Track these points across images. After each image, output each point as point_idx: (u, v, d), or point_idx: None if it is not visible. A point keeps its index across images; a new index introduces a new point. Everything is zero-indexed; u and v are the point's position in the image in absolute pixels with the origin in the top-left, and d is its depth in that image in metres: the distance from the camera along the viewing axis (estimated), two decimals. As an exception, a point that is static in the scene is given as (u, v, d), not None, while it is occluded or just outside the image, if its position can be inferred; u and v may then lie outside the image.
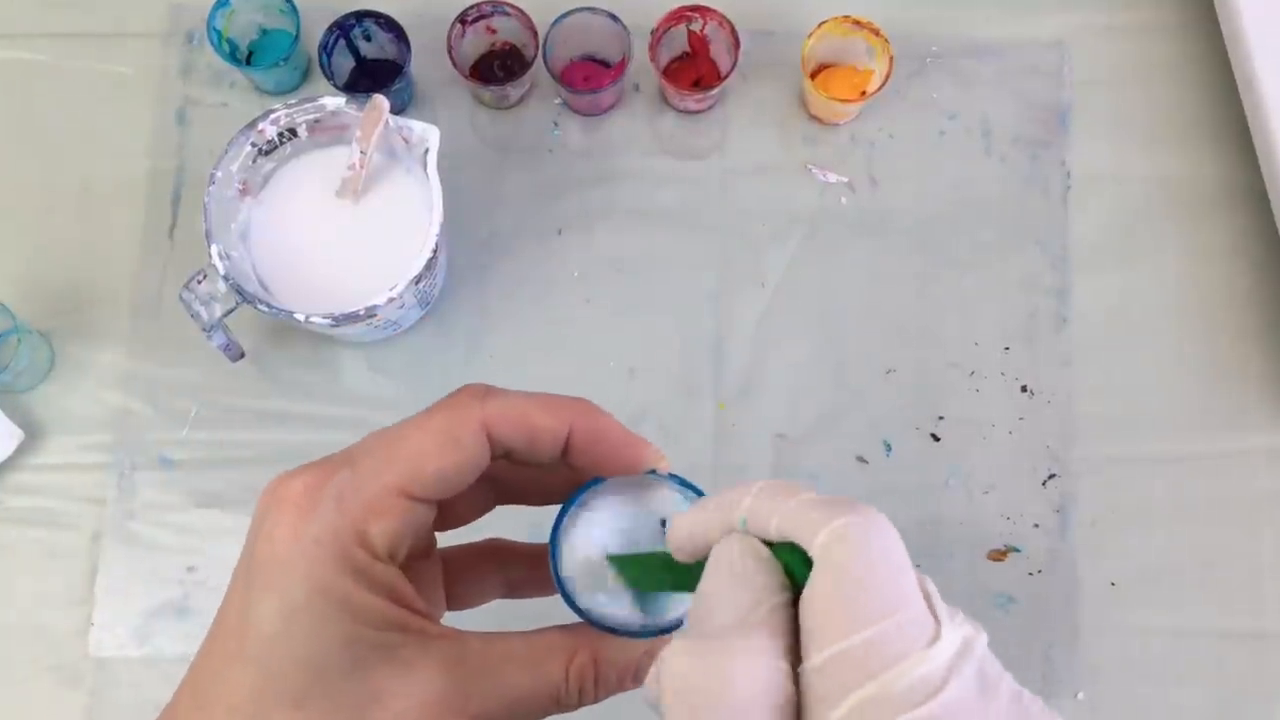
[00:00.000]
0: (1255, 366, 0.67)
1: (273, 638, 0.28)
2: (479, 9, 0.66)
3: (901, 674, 0.22)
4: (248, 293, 0.57)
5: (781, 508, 0.25)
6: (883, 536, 0.24)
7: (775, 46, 0.69)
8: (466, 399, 0.31)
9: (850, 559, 0.23)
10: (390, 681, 0.29)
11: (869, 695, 0.22)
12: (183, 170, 0.68)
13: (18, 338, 0.62)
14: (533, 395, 0.32)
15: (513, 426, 0.31)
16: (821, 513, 0.24)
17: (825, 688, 0.23)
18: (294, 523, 0.29)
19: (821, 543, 0.24)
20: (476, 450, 0.30)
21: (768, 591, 0.24)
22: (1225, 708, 0.63)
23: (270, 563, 0.29)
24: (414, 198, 0.61)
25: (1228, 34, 0.67)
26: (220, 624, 0.30)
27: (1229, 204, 0.69)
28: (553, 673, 0.31)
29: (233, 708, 0.29)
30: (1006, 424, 0.66)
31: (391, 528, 0.29)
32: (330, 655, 0.28)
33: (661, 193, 0.69)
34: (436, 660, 0.30)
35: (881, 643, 0.22)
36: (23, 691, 0.62)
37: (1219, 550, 0.65)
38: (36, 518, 0.64)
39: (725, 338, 0.67)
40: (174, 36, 0.70)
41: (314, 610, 0.28)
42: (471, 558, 0.37)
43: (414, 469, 0.30)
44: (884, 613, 0.23)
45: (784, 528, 0.25)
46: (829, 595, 0.23)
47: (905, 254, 0.68)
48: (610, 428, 0.32)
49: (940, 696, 0.22)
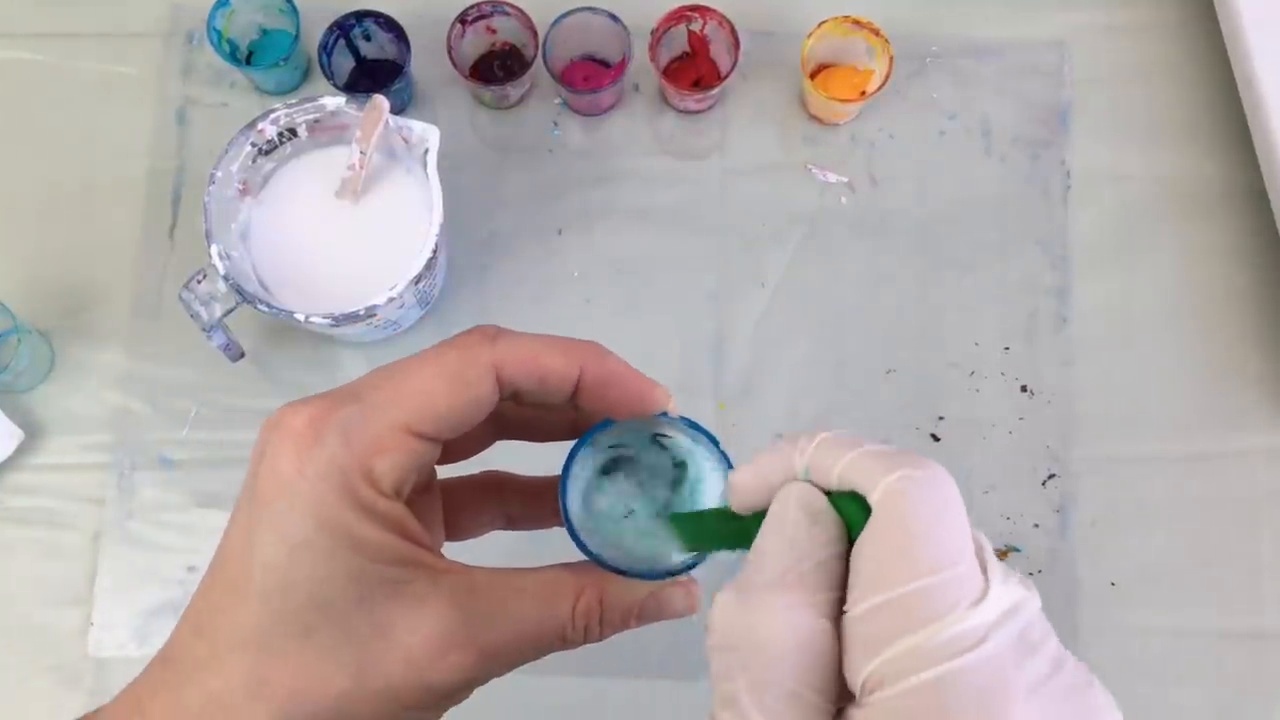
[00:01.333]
0: (1255, 366, 0.67)
1: (278, 571, 0.28)
2: (479, 9, 0.66)
3: (944, 628, 0.22)
4: (248, 293, 0.57)
5: (845, 457, 0.25)
6: (942, 491, 0.24)
7: (775, 46, 0.69)
8: (477, 339, 0.31)
9: (907, 511, 0.23)
10: (397, 615, 0.29)
11: (909, 646, 0.22)
12: (183, 170, 0.68)
13: (18, 338, 0.62)
14: (543, 337, 0.31)
15: (522, 368, 0.30)
16: (883, 463, 0.24)
17: (866, 635, 0.23)
18: (298, 456, 0.29)
19: (880, 493, 0.24)
20: (485, 391, 0.30)
21: (817, 546, 0.25)
22: (1225, 708, 0.63)
23: (274, 496, 0.29)
24: (414, 198, 0.61)
25: (1228, 34, 0.67)
26: (222, 558, 0.30)
27: (1229, 204, 0.69)
28: (559, 610, 0.31)
29: (239, 640, 0.29)
30: (1006, 424, 0.66)
31: (398, 465, 0.29)
32: (337, 589, 0.28)
33: (661, 193, 0.69)
34: (444, 595, 0.30)
35: (928, 596, 0.22)
36: (23, 691, 0.62)
37: (1219, 550, 0.65)
38: (36, 518, 0.64)
39: (725, 338, 0.67)
40: (174, 36, 0.70)
41: (320, 544, 0.28)
42: (471, 490, 0.37)
43: (422, 408, 0.29)
44: (934, 567, 0.23)
45: (846, 477, 0.25)
46: (881, 545, 0.23)
47: (905, 254, 0.68)
48: (621, 370, 0.31)
49: (977, 651, 0.22)
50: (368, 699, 0.29)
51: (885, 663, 0.22)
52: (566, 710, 0.62)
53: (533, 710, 0.62)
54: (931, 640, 0.22)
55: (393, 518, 0.29)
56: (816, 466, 0.26)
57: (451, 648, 0.29)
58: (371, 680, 0.29)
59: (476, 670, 0.30)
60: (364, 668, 0.29)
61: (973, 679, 0.22)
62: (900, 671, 0.22)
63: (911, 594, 0.23)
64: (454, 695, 0.30)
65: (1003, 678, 0.22)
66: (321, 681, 0.28)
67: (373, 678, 0.29)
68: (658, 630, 0.66)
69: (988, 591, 0.23)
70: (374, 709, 0.29)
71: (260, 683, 0.28)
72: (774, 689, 0.23)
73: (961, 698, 0.22)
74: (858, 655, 0.23)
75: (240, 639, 0.29)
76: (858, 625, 0.23)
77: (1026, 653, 0.23)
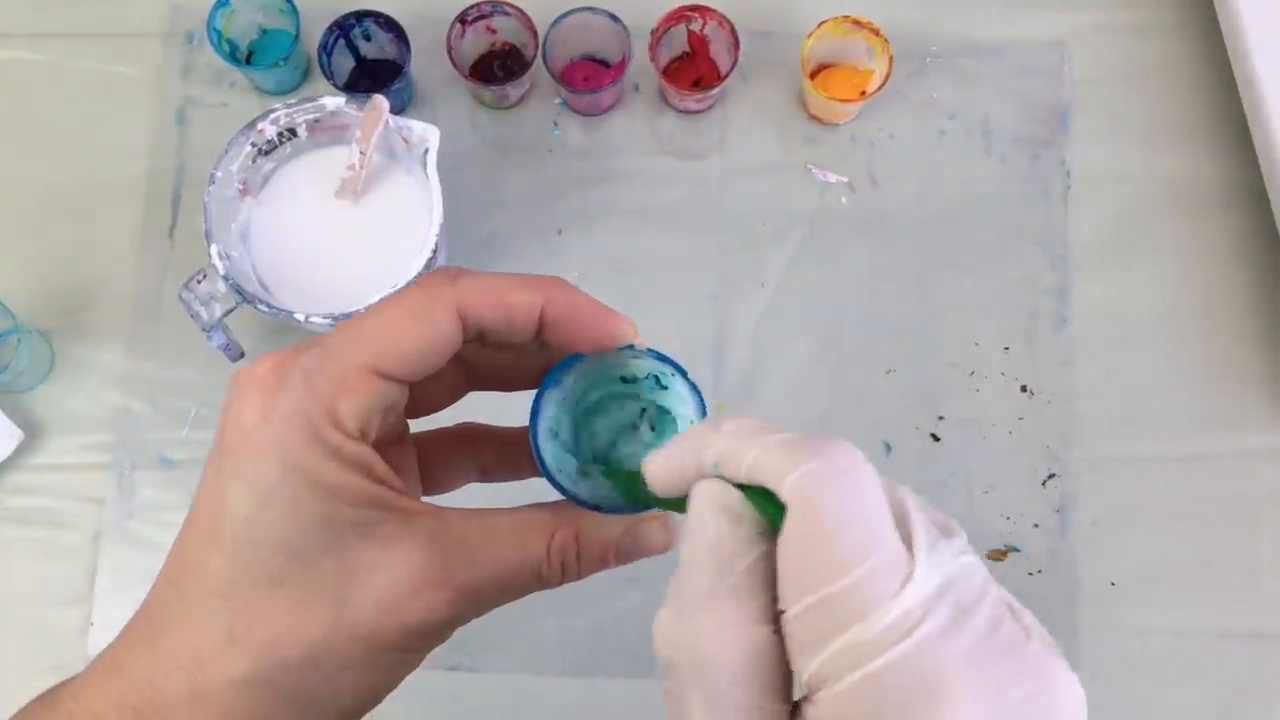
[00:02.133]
0: (1255, 366, 0.67)
1: (248, 520, 0.28)
2: (479, 9, 0.66)
3: (873, 623, 0.22)
4: (248, 293, 0.57)
5: (749, 454, 0.25)
6: (851, 479, 0.24)
7: (775, 46, 0.69)
8: (439, 279, 0.30)
9: (817, 509, 0.23)
10: (369, 558, 0.29)
11: (843, 644, 0.22)
12: (183, 170, 0.68)
13: (18, 338, 0.62)
14: (505, 275, 0.31)
15: (485, 305, 0.30)
16: (787, 459, 0.24)
17: (803, 637, 0.23)
18: (262, 403, 0.28)
19: (790, 491, 0.24)
20: (448, 329, 0.30)
21: (741, 550, 0.24)
22: (1225, 708, 0.63)
23: (240, 445, 0.29)
24: (414, 198, 0.61)
25: (1228, 34, 0.66)
26: (195, 512, 0.30)
27: (1229, 204, 0.69)
28: (535, 547, 0.31)
29: (212, 591, 0.29)
30: (1006, 424, 0.66)
31: (362, 405, 0.29)
32: (307, 535, 0.28)
33: (661, 193, 0.69)
34: (418, 535, 0.29)
35: (854, 591, 0.22)
36: (23, 691, 0.62)
37: (1219, 550, 0.65)
38: (36, 518, 0.64)
39: (725, 338, 0.67)
40: (174, 36, 0.70)
41: (287, 490, 0.28)
42: (445, 442, 0.36)
43: (384, 347, 0.29)
44: (855, 561, 0.23)
45: (753, 475, 0.25)
46: (799, 546, 0.23)
47: (905, 254, 0.68)
48: (583, 302, 0.31)
49: (910, 638, 0.22)
50: (345, 643, 0.29)
51: (823, 663, 0.22)
52: (565, 710, 0.62)
53: (532, 710, 0.62)
54: (863, 636, 0.22)
55: (360, 460, 0.29)
56: (726, 460, 0.26)
57: (426, 587, 0.29)
58: (347, 624, 0.28)
59: (453, 610, 0.30)
60: (338, 612, 0.28)
61: (907, 667, 0.22)
62: (837, 670, 0.22)
63: (837, 594, 0.22)
64: (434, 635, 0.30)
65: (936, 660, 0.22)
66: (296, 628, 0.28)
67: (348, 622, 0.29)
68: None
69: (914, 571, 0.23)
70: (352, 652, 0.29)
71: (234, 633, 0.28)
72: (728, 705, 0.23)
73: (898, 688, 0.22)
74: (798, 656, 0.23)
75: (213, 590, 0.29)
76: (794, 626, 0.23)
77: (960, 621, 0.23)
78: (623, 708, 0.62)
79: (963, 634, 0.22)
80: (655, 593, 0.26)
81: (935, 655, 0.22)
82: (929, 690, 0.22)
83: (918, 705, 0.22)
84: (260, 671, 0.28)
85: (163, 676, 0.29)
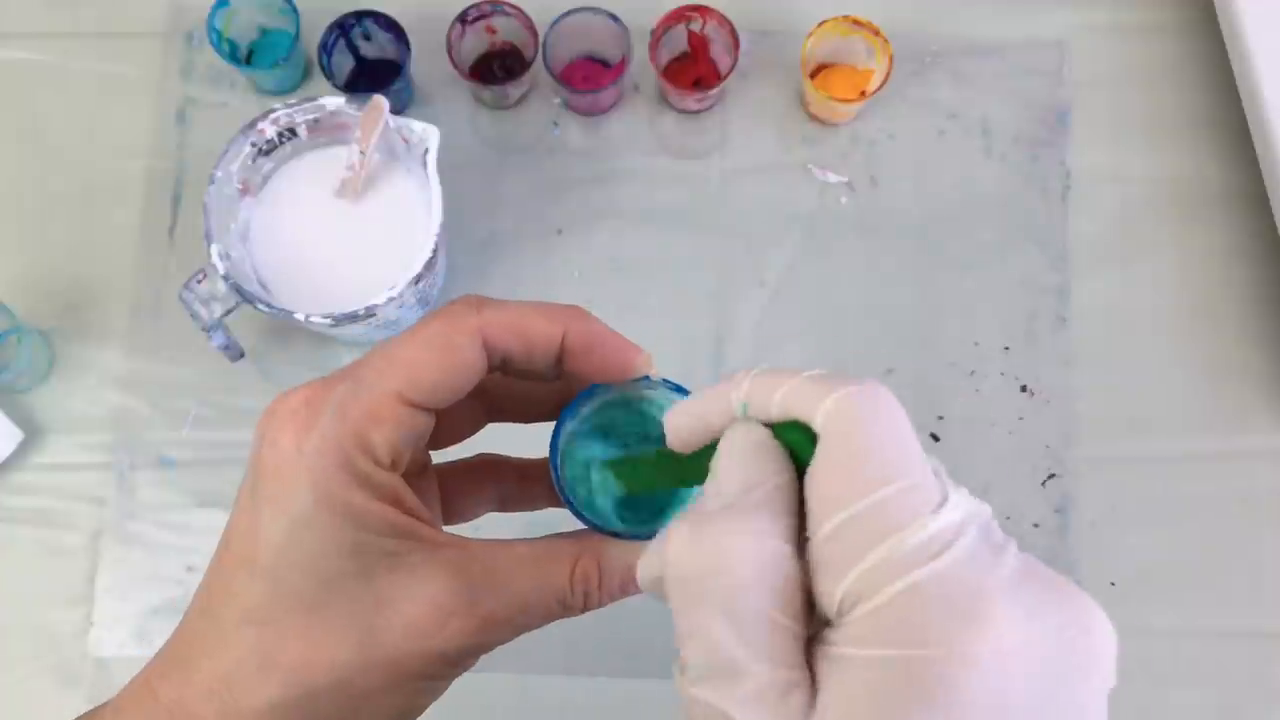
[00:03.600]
0: (1255, 366, 0.67)
1: (282, 548, 0.29)
2: (479, 9, 0.66)
3: (911, 534, 0.22)
4: (248, 292, 0.57)
5: (783, 386, 0.25)
6: (887, 405, 0.24)
7: (775, 46, 0.69)
8: (462, 308, 0.31)
9: (855, 427, 0.23)
10: (397, 586, 0.29)
11: (880, 557, 0.22)
12: (183, 170, 0.68)
13: (17, 337, 0.62)
14: (527, 303, 0.32)
15: (508, 333, 0.31)
16: (824, 386, 0.24)
17: (835, 555, 0.23)
18: (296, 433, 0.29)
19: (825, 414, 0.24)
20: (473, 357, 0.30)
21: (768, 473, 0.25)
22: (1225, 708, 0.63)
23: (275, 474, 0.29)
24: (414, 198, 0.61)
25: (1228, 34, 0.66)
26: (228, 541, 0.30)
27: (1229, 204, 0.69)
28: (557, 576, 0.31)
29: (245, 617, 0.29)
30: (1006, 424, 0.66)
31: (392, 434, 0.30)
32: (339, 562, 0.29)
33: (661, 193, 0.69)
34: (443, 564, 0.30)
35: (889, 506, 0.22)
36: (23, 691, 0.62)
37: (1219, 550, 0.65)
38: (36, 518, 0.64)
39: (725, 338, 0.67)
40: (174, 36, 0.70)
41: (321, 519, 0.29)
42: (464, 473, 0.37)
43: (412, 375, 0.30)
44: (890, 478, 0.23)
45: (787, 405, 0.25)
46: (835, 464, 0.23)
47: (905, 254, 0.68)
48: (602, 333, 0.32)
49: (949, 553, 0.22)
50: (373, 669, 0.29)
51: (860, 577, 0.22)
52: (566, 710, 0.62)
53: (533, 710, 0.62)
54: (900, 548, 0.22)
55: (389, 489, 0.30)
56: (755, 401, 0.26)
57: (452, 615, 0.30)
58: (375, 651, 0.29)
59: (478, 637, 0.30)
60: (367, 639, 0.29)
61: (950, 581, 0.22)
62: (876, 584, 0.22)
63: (873, 506, 0.22)
64: (459, 663, 0.31)
65: (979, 576, 0.22)
66: (327, 654, 0.29)
67: (376, 648, 0.29)
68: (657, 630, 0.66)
69: (947, 497, 0.23)
70: (380, 679, 0.29)
71: (267, 657, 0.29)
72: (749, 615, 0.23)
73: (941, 600, 0.21)
74: (830, 576, 0.23)
75: (246, 616, 0.29)
76: (825, 546, 0.23)
77: (995, 552, 0.23)
78: (624, 708, 0.62)
79: (999, 561, 0.22)
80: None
81: (979, 573, 0.22)
82: (970, 608, 0.21)
83: (958, 621, 0.21)
84: (289, 697, 0.29)
85: (194, 702, 0.29)
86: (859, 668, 0.22)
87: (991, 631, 0.21)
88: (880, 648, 0.22)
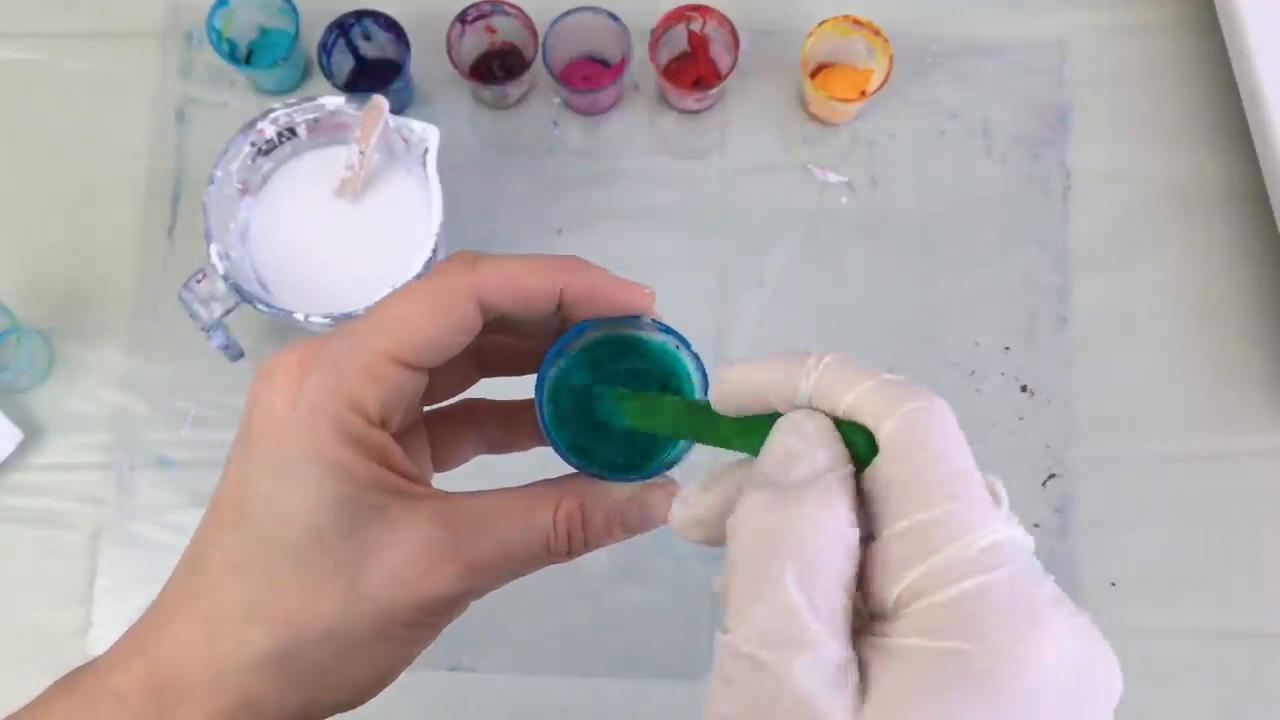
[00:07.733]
0: (1255, 366, 0.67)
1: (270, 501, 0.29)
2: (479, 8, 0.66)
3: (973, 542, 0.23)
4: (247, 292, 0.57)
5: (855, 388, 0.25)
6: (950, 421, 0.25)
7: (775, 46, 0.69)
8: (457, 265, 0.31)
9: (925, 440, 0.24)
10: (382, 537, 0.30)
11: (945, 559, 0.23)
12: (182, 170, 0.68)
13: (17, 338, 0.62)
14: (522, 257, 0.31)
15: (504, 289, 0.30)
16: (894, 396, 0.25)
17: (898, 554, 0.24)
18: (289, 390, 0.30)
19: (896, 423, 0.24)
20: (468, 315, 0.30)
21: (840, 461, 0.25)
22: (1225, 708, 0.63)
23: (267, 430, 0.30)
24: (414, 198, 0.61)
25: (1228, 34, 0.66)
26: (219, 496, 0.31)
27: (1229, 204, 0.69)
28: (541, 521, 0.31)
29: (232, 566, 0.30)
30: (1006, 424, 0.66)
31: (384, 393, 0.30)
32: (326, 515, 0.29)
33: (661, 193, 0.69)
34: (427, 515, 0.30)
35: (954, 517, 0.23)
36: (23, 691, 0.62)
37: (1219, 550, 0.65)
38: (36, 518, 0.64)
39: (725, 337, 0.67)
40: (174, 36, 0.70)
41: (310, 473, 0.29)
42: (450, 420, 0.37)
43: (406, 335, 0.30)
44: (956, 492, 0.24)
45: (857, 407, 0.25)
46: (905, 471, 0.24)
47: (905, 254, 0.68)
48: (601, 280, 0.32)
49: (1014, 563, 0.23)
50: (361, 619, 0.29)
51: (923, 575, 0.23)
52: (566, 710, 0.62)
53: (532, 710, 0.62)
54: (964, 553, 0.23)
55: (378, 447, 0.30)
56: (822, 394, 0.26)
57: (436, 561, 0.30)
58: (362, 601, 0.29)
59: (463, 583, 0.30)
60: (353, 590, 0.29)
61: (1015, 584, 0.23)
62: (938, 583, 0.23)
63: (939, 516, 0.23)
64: (445, 610, 0.31)
65: (1033, 588, 0.23)
66: (313, 605, 0.29)
67: (363, 599, 0.29)
68: (657, 630, 0.66)
69: (1002, 511, 0.24)
70: (368, 629, 0.30)
71: (253, 607, 0.29)
72: (823, 588, 0.23)
73: (1003, 602, 0.23)
74: (890, 573, 0.24)
75: (233, 565, 0.30)
76: (890, 545, 0.24)
77: (1042, 575, 0.24)
78: (623, 708, 0.62)
79: (1046, 580, 0.24)
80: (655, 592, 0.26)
81: (1032, 586, 0.23)
82: (1033, 612, 0.23)
83: (1021, 623, 0.22)
84: (278, 648, 0.29)
85: (184, 657, 0.30)
86: (916, 657, 0.23)
87: (1049, 637, 0.22)
88: (941, 639, 0.23)
